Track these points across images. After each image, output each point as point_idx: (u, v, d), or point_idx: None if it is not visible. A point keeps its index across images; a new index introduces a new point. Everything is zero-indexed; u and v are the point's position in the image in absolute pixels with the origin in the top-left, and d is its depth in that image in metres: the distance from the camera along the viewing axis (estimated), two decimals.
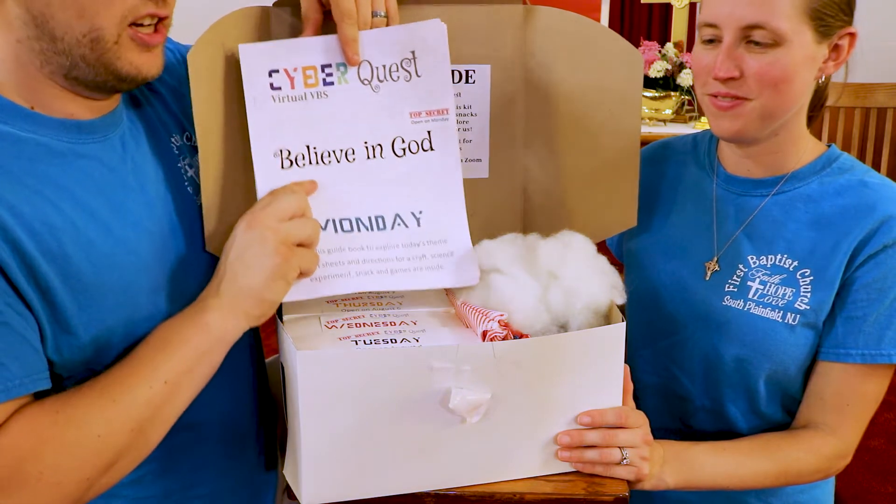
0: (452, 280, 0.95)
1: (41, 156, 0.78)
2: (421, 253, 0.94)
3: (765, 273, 1.02)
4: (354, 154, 0.93)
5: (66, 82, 0.79)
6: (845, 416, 1.00)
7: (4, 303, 0.72)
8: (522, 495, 0.88)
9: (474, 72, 1.02)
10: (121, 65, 0.78)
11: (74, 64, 0.77)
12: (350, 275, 0.91)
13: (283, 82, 0.90)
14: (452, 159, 0.96)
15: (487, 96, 1.03)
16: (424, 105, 0.95)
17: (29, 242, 0.73)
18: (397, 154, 0.94)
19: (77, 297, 0.77)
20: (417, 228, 0.95)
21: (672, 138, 1.23)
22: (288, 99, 0.90)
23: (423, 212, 0.95)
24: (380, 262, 0.92)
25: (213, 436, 0.93)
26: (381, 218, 0.94)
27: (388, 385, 0.82)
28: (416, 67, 0.94)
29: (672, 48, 3.21)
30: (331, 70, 0.92)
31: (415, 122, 0.95)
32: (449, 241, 0.95)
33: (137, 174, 0.86)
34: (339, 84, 0.92)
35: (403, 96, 0.94)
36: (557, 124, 1.05)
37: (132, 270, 0.81)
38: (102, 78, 0.79)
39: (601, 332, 0.89)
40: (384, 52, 0.93)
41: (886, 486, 2.41)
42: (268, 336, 1.03)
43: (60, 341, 0.77)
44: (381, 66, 0.93)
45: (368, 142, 0.93)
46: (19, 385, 0.73)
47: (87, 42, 0.76)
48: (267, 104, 0.90)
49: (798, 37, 0.93)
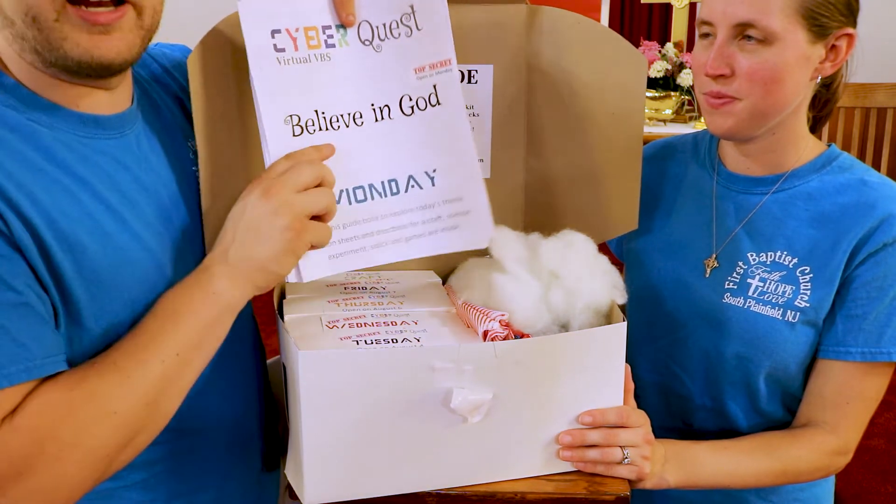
0: (468, 241, 0.95)
1: (59, 147, 0.78)
2: (436, 214, 0.94)
3: (764, 270, 1.03)
4: (363, 118, 0.91)
5: (48, 69, 0.78)
6: (845, 414, 1.01)
7: (25, 284, 0.72)
8: (524, 495, 0.88)
9: (477, 72, 1.02)
10: (69, 46, 0.74)
11: (33, 48, 0.75)
12: (366, 249, 0.91)
13: (287, 43, 0.87)
14: (459, 111, 0.95)
15: (490, 97, 1.03)
16: (427, 59, 0.93)
17: (46, 230, 0.74)
18: (405, 113, 0.93)
19: (90, 287, 0.77)
20: (432, 188, 0.94)
21: (673, 137, 1.23)
22: (293, 61, 0.88)
23: (436, 170, 0.94)
24: (395, 231, 0.92)
25: (219, 440, 0.93)
26: (394, 182, 0.93)
27: (389, 385, 0.83)
28: (416, 21, 0.92)
29: (672, 48, 3.22)
30: (331, 32, 0.89)
31: (419, 77, 0.93)
32: (464, 198, 0.95)
33: (152, 174, 0.86)
34: (340, 47, 0.90)
35: (406, 53, 0.92)
36: (560, 126, 1.05)
37: (145, 267, 0.81)
38: (61, 63, 0.76)
39: (602, 332, 0.89)
40: (382, 9, 0.91)
41: (886, 486, 2.41)
42: (268, 336, 1.03)
43: (71, 333, 0.77)
44: (381, 25, 0.91)
45: (375, 104, 0.92)
46: (40, 366, 0.72)
47: (29, 22, 0.74)
48: (272, 67, 0.87)
49: (790, 36, 0.94)
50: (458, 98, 0.94)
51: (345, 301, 0.99)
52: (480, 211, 0.96)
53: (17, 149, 0.75)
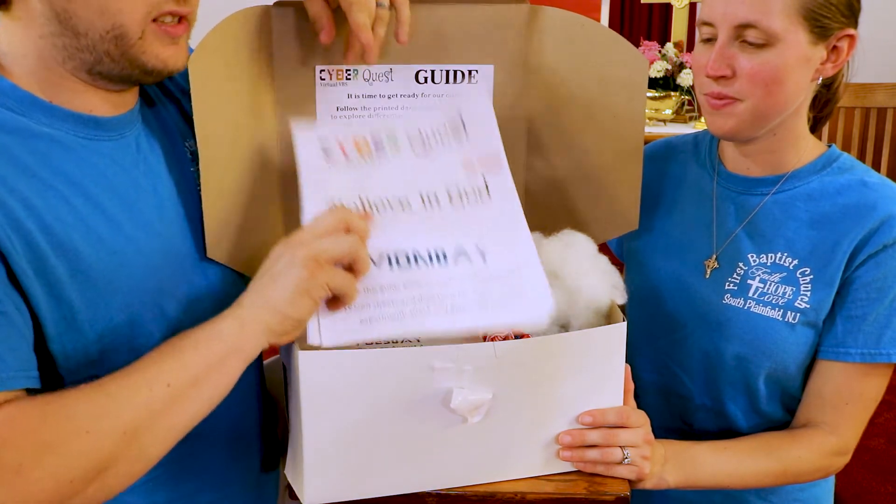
0: (524, 317, 0.84)
1: (56, 150, 0.78)
2: (487, 288, 0.84)
3: (765, 271, 1.03)
4: (410, 203, 0.88)
5: (89, 77, 0.80)
6: (845, 415, 1.01)
7: (4, 293, 0.71)
8: (524, 495, 0.88)
9: (477, 72, 1.02)
10: (146, 59, 0.78)
11: (99, 59, 0.78)
12: (404, 315, 0.82)
13: (336, 151, 0.88)
14: (512, 203, 0.89)
15: (490, 96, 1.03)
16: (476, 155, 0.92)
17: (40, 235, 0.73)
18: (453, 203, 0.89)
19: (85, 292, 0.76)
20: (483, 264, 0.86)
21: (673, 137, 1.23)
22: (341, 164, 0.88)
23: (487, 249, 0.87)
24: (439, 299, 0.83)
25: (219, 443, 0.92)
26: (441, 251, 0.86)
27: (389, 385, 0.83)
28: (465, 129, 0.92)
29: (672, 48, 3.21)
30: (381, 141, 0.90)
31: (468, 174, 0.91)
32: (520, 276, 0.86)
33: (150, 176, 0.86)
34: (390, 152, 0.90)
35: (455, 156, 0.91)
36: (560, 126, 1.05)
37: (140, 270, 0.81)
38: (128, 72, 0.79)
39: (602, 332, 0.89)
40: (434, 119, 0.92)
41: (886, 486, 2.41)
42: None
43: (66, 338, 0.76)
44: (430, 132, 0.91)
45: (423, 192, 0.88)
46: (13, 377, 0.70)
47: (110, 38, 0.76)
48: (320, 167, 0.87)
49: (791, 37, 0.94)
50: (510, 191, 0.90)
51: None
52: (538, 288, 0.85)
53: (13, 153, 0.75)
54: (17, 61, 0.79)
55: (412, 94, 1.02)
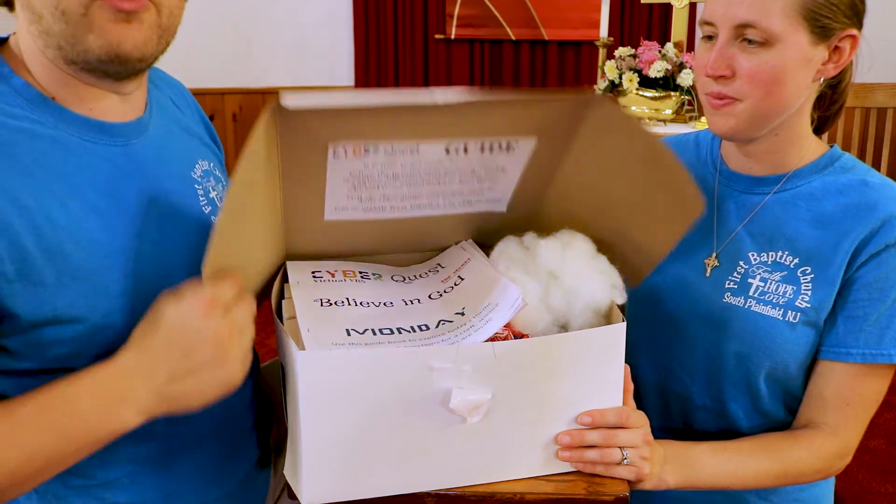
0: (501, 321, 0.88)
1: (57, 151, 0.78)
2: (470, 324, 0.89)
3: (765, 270, 1.02)
4: (392, 304, 0.96)
5: (69, 67, 0.78)
6: (846, 415, 1.00)
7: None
8: (523, 495, 0.88)
9: (517, 142, 0.89)
10: (93, 38, 0.75)
11: (57, 44, 0.76)
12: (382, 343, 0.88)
13: (325, 276, 0.98)
14: (491, 279, 0.95)
15: (524, 162, 0.93)
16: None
17: (28, 236, 0.73)
18: (433, 298, 0.98)
19: (69, 295, 0.76)
20: (462, 318, 0.91)
21: (674, 136, 1.23)
22: (328, 282, 0.97)
23: (466, 307, 0.93)
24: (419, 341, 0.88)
25: (209, 443, 0.92)
26: (424, 325, 0.91)
27: (388, 385, 0.82)
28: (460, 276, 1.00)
29: (672, 48, 3.21)
30: (366, 273, 1.01)
31: (447, 284, 1.00)
32: (496, 302, 0.90)
33: (151, 185, 0.85)
34: (374, 280, 1.00)
35: (434, 284, 1.00)
36: (579, 214, 0.99)
37: (132, 274, 0.81)
38: (83, 57, 0.77)
39: (601, 332, 0.88)
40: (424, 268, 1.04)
41: (886, 486, 2.41)
42: (268, 336, 1.03)
43: (63, 331, 0.76)
44: (416, 275, 1.02)
45: (406, 298, 0.97)
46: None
47: (59, 15, 0.74)
48: (308, 284, 0.95)
49: (792, 37, 0.93)
50: (486, 272, 0.96)
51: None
52: (507, 296, 0.90)
53: (13, 153, 0.75)
54: (30, 59, 0.79)
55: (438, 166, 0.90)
